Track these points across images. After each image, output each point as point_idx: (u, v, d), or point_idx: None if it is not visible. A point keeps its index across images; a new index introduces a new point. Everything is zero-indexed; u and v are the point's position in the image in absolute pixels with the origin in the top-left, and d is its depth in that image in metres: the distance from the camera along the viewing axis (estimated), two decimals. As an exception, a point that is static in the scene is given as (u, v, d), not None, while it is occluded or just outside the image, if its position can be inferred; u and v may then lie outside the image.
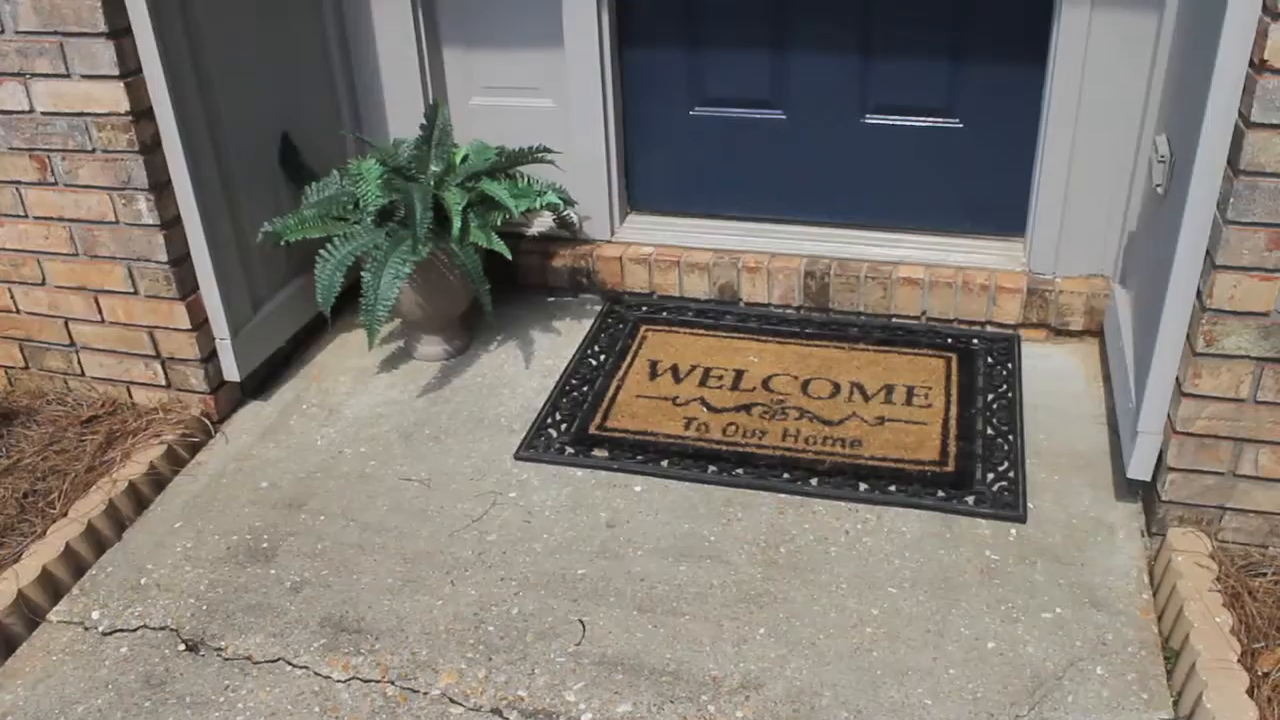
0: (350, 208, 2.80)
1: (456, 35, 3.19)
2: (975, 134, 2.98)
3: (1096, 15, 2.64)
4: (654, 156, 3.25)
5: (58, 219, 2.67)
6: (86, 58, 2.42)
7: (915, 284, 2.99)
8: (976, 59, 2.89)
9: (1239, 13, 1.86)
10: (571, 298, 3.29)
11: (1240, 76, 1.89)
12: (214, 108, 2.64)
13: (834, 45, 2.96)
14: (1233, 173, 1.91)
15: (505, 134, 3.14)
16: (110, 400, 2.89)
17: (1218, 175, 1.96)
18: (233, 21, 2.69)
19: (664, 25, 3.05)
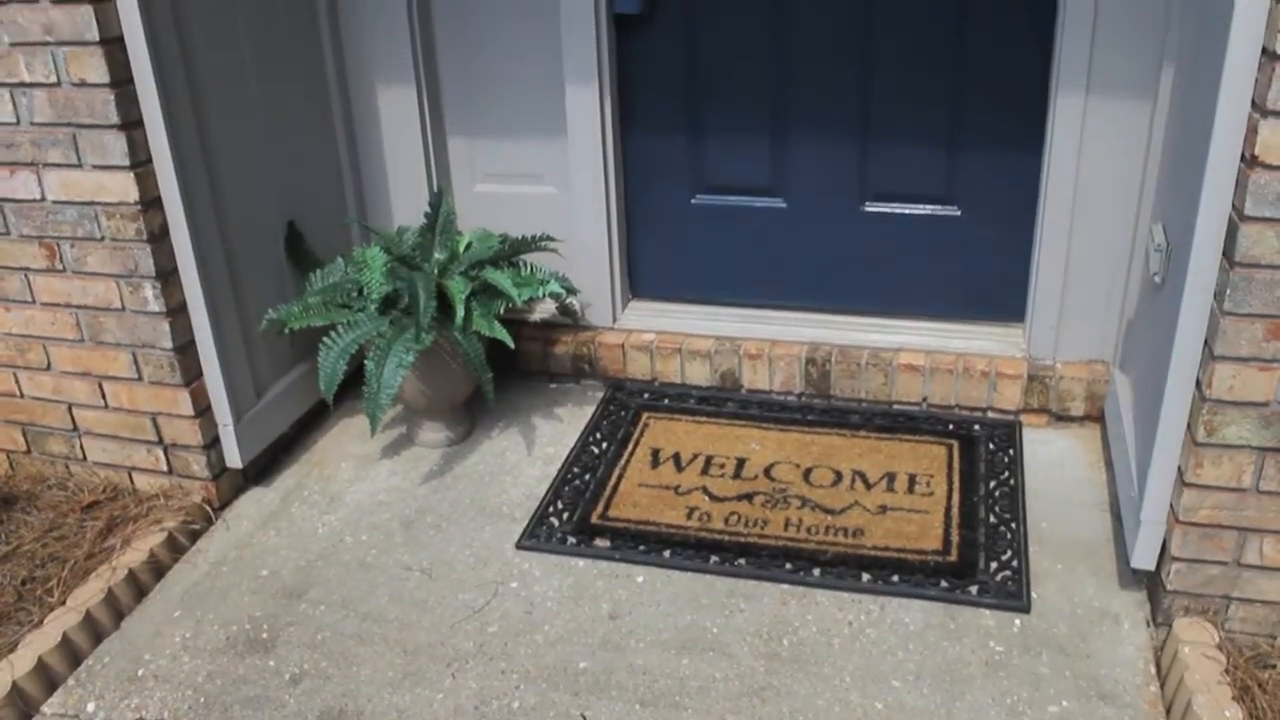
0: (354, 295, 2.83)
1: (461, 124, 3.25)
2: (974, 221, 3.02)
3: (1091, 104, 2.68)
4: (656, 243, 3.28)
5: (65, 305, 2.69)
6: (98, 149, 2.46)
7: (916, 370, 3.00)
8: (974, 147, 2.94)
9: (1229, 108, 1.89)
10: (573, 384, 3.30)
11: (1232, 171, 1.92)
12: (221, 196, 2.67)
13: (834, 134, 3.00)
14: (1228, 264, 1.93)
15: (508, 220, 3.18)
16: (112, 485, 2.89)
17: (1214, 267, 1.98)
18: (242, 112, 2.73)
19: (665, 115, 3.10)
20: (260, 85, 2.79)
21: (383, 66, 3.11)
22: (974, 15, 2.79)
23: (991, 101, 2.86)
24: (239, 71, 2.71)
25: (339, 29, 3.08)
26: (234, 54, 2.69)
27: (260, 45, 2.78)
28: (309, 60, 3.01)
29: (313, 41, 3.02)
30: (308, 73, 3.01)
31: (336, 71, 3.10)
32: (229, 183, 2.70)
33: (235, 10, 2.68)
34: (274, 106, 2.86)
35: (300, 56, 2.97)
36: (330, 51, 3.07)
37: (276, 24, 2.85)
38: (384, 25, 3.05)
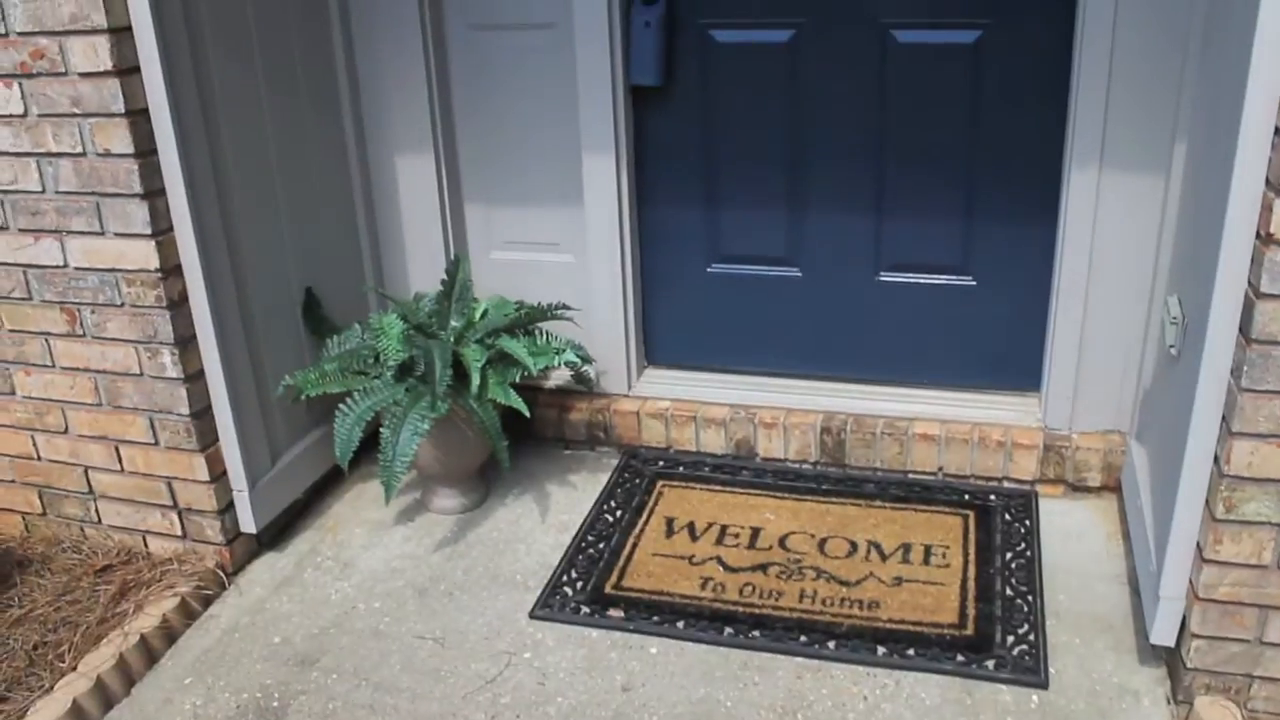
0: (370, 361, 2.84)
1: (478, 191, 3.28)
2: (989, 291, 3.02)
3: (1105, 176, 2.69)
4: (671, 311, 3.30)
5: (84, 370, 2.72)
6: (121, 217, 2.49)
7: (931, 440, 2.99)
8: (989, 218, 2.95)
9: (1243, 186, 1.89)
10: (588, 450, 3.30)
11: (1248, 248, 1.92)
12: (240, 263, 2.70)
13: (849, 205, 3.02)
14: (1245, 341, 1.93)
15: (524, 287, 3.21)
16: (125, 549, 2.89)
17: (1230, 343, 1.98)
18: (262, 181, 2.77)
19: (682, 184, 3.13)
20: (281, 154, 2.83)
21: (402, 135, 3.15)
22: (988, 91, 2.82)
23: (1006, 174, 2.89)
24: (260, 141, 2.75)
25: (359, 99, 3.13)
26: (255, 124, 2.73)
27: (282, 116, 2.82)
28: (330, 130, 3.06)
29: (333, 112, 3.06)
30: (328, 142, 3.05)
31: (356, 141, 3.15)
32: (248, 250, 2.73)
33: (258, 82, 2.73)
34: (294, 175, 2.89)
35: (321, 127, 3.01)
36: (351, 121, 3.12)
37: (298, 95, 2.89)
38: (403, 96, 3.10)
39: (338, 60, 3.05)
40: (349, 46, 3.07)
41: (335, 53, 3.04)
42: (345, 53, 3.06)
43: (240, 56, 2.66)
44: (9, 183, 2.56)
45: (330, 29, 3.01)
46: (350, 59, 3.08)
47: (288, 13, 2.83)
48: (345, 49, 3.06)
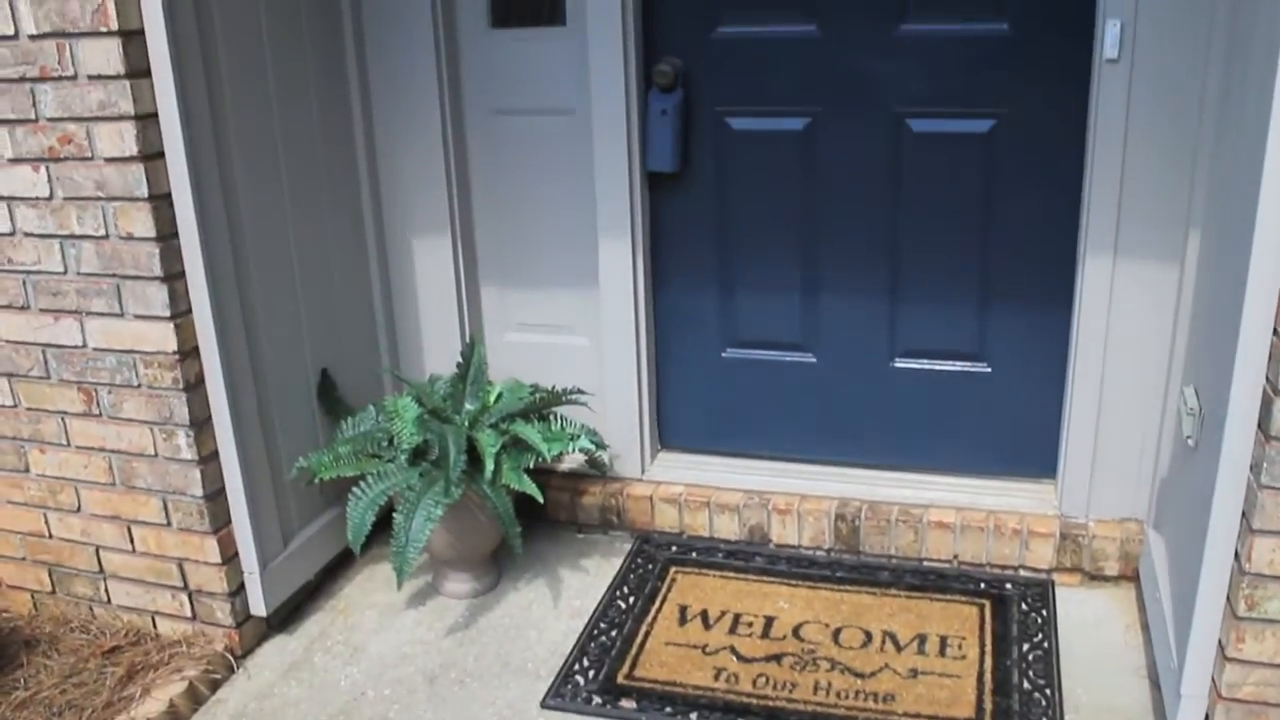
0: (385, 444, 2.84)
1: (495, 273, 3.31)
2: (1004, 378, 3.02)
3: (1120, 264, 2.70)
4: (685, 396, 3.30)
5: (99, 449, 2.72)
6: (140, 299, 2.51)
7: (947, 528, 2.97)
8: (1003, 306, 2.96)
9: (1260, 282, 1.90)
10: (601, 535, 3.28)
11: (1265, 344, 1.92)
12: (257, 345, 2.71)
13: (863, 291, 3.04)
14: (1264, 437, 1.92)
15: (539, 370, 3.21)
16: (134, 630, 2.87)
17: (1249, 439, 1.97)
18: (281, 264, 2.80)
19: (697, 269, 3.15)
20: (299, 236, 2.86)
21: (419, 217, 3.18)
22: (1002, 179, 2.85)
23: (1020, 261, 2.90)
24: (279, 224, 2.78)
25: (378, 182, 3.17)
26: (276, 208, 2.77)
27: (301, 199, 2.86)
28: (348, 212, 3.09)
29: (352, 194, 3.10)
30: (346, 224, 3.08)
31: (374, 222, 3.18)
32: (266, 332, 2.74)
33: (279, 167, 2.76)
34: (312, 257, 2.92)
35: (340, 209, 3.04)
36: (369, 204, 3.15)
37: (318, 179, 2.93)
38: (422, 178, 3.14)
39: (357, 143, 3.09)
40: (369, 130, 3.11)
41: (355, 136, 3.08)
42: (365, 136, 3.10)
43: (262, 143, 2.70)
44: (32, 263, 2.59)
45: (351, 113, 3.06)
46: (370, 142, 3.12)
47: (310, 98, 2.87)
48: (365, 132, 3.10)
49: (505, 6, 3.07)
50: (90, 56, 2.35)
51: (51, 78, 2.40)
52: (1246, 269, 1.92)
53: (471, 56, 3.11)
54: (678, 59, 2.95)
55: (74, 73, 2.37)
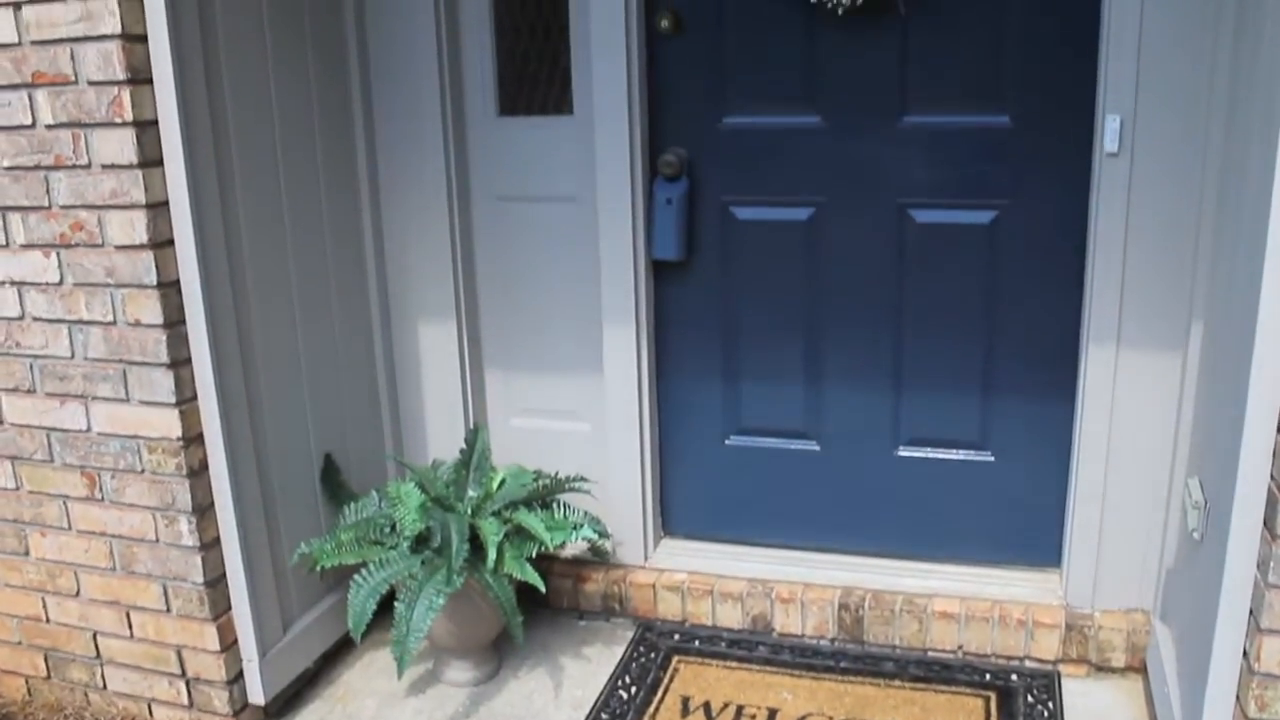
0: (387, 531, 2.83)
1: (499, 358, 3.32)
2: (1007, 467, 3.02)
3: (1122, 356, 2.72)
4: (689, 483, 3.29)
5: (100, 534, 2.72)
6: (146, 385, 2.52)
7: (951, 618, 2.94)
8: (1007, 395, 2.96)
9: (1263, 376, 1.91)
10: (603, 622, 3.25)
11: (1270, 441, 1.92)
12: (262, 431, 2.72)
13: (867, 380, 3.04)
14: (1270, 535, 1.92)
15: (543, 455, 3.21)
16: (129, 717, 2.84)
17: (1255, 537, 1.96)
18: (287, 351, 2.81)
19: (700, 357, 3.16)
20: (306, 322, 2.88)
21: (425, 302, 3.20)
22: (1005, 269, 2.87)
23: (1023, 350, 2.91)
24: (287, 311, 2.80)
25: (385, 267, 3.19)
26: (283, 295, 2.79)
27: (309, 286, 2.88)
28: (354, 298, 3.11)
29: (359, 279, 3.12)
30: (352, 310, 3.10)
31: (380, 307, 3.19)
32: (270, 417, 2.75)
33: (286, 252, 2.79)
34: (318, 343, 2.94)
35: (346, 295, 3.06)
36: (375, 289, 3.17)
37: (325, 264, 2.95)
38: (428, 263, 3.16)
39: (364, 227, 3.12)
40: (376, 214, 3.14)
41: (363, 221, 3.11)
42: (372, 221, 3.13)
43: (271, 232, 2.73)
44: (40, 347, 2.61)
45: (359, 198, 3.09)
46: (377, 227, 3.15)
47: (318, 184, 2.91)
48: (373, 217, 3.13)
49: (513, 95, 3.12)
50: (104, 146, 2.38)
51: (65, 166, 2.44)
52: (1249, 365, 1.93)
53: (479, 143, 3.15)
54: (683, 149, 2.99)
55: (88, 161, 2.41)
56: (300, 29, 2.80)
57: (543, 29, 3.06)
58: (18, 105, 2.43)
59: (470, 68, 3.10)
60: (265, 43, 2.67)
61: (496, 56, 3.09)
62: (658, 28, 2.92)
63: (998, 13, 2.72)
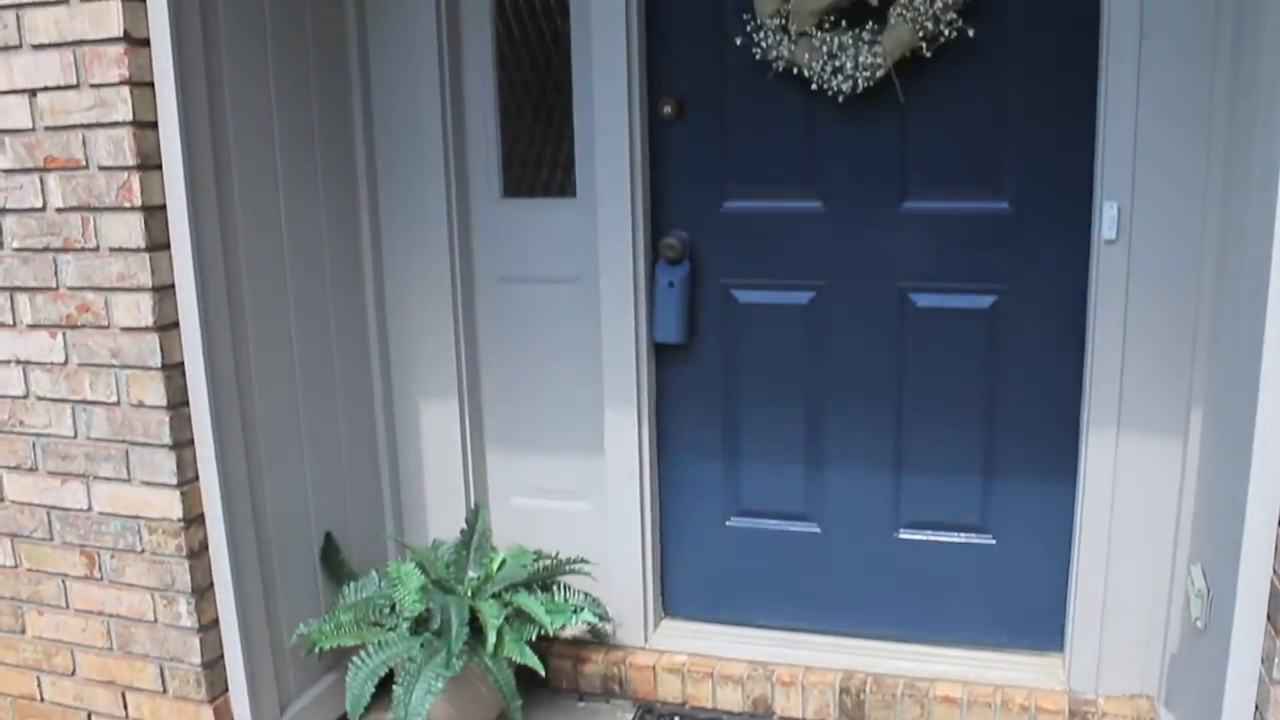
0: (386, 611, 2.82)
1: (500, 437, 3.32)
2: (1009, 550, 3.00)
3: (1122, 440, 2.72)
4: (689, 564, 3.28)
5: (98, 613, 2.71)
6: (148, 466, 2.53)
7: (954, 702, 2.92)
8: (1008, 477, 2.96)
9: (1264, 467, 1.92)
10: (603, 703, 3.22)
11: (1271, 533, 1.93)
12: (262, 511, 2.72)
13: (868, 462, 3.04)
14: (1274, 630, 1.91)
15: (543, 534, 3.21)
16: (123, 799, 2.81)
17: (1259, 631, 1.96)
18: (289, 432, 2.83)
19: (702, 439, 3.16)
20: (309, 402, 2.89)
21: (427, 380, 3.21)
22: (1004, 352, 2.88)
23: (1024, 433, 2.91)
24: (290, 391, 2.82)
25: (387, 346, 3.21)
26: (287, 374, 2.80)
27: (312, 366, 2.90)
28: (357, 377, 3.12)
29: (362, 359, 3.13)
30: (355, 389, 3.11)
31: (383, 386, 3.21)
32: (272, 497, 2.75)
33: (290, 333, 2.81)
34: (321, 423, 2.95)
35: (349, 375, 3.08)
36: (378, 369, 3.19)
37: (329, 345, 2.97)
38: (431, 342, 3.18)
39: (368, 306, 3.14)
40: (380, 295, 3.17)
41: (366, 300, 3.13)
42: (376, 300, 3.15)
43: (275, 313, 2.75)
44: (43, 426, 2.62)
45: (363, 277, 3.11)
46: (380, 307, 3.17)
47: (322, 266, 2.93)
48: (376, 296, 3.15)
49: (517, 176, 3.16)
50: (112, 230, 2.42)
51: (74, 249, 2.47)
52: (1249, 454, 1.93)
53: (483, 224, 3.19)
54: (685, 232, 3.02)
55: (96, 244, 2.44)
56: (308, 114, 2.84)
57: (546, 112, 3.10)
58: (29, 188, 2.47)
59: (475, 149, 3.15)
60: (273, 128, 2.71)
61: (501, 139, 3.14)
62: (660, 113, 2.97)
63: (995, 100, 2.76)
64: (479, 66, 3.10)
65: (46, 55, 2.38)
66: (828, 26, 2.72)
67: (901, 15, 2.65)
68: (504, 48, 3.10)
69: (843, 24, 2.72)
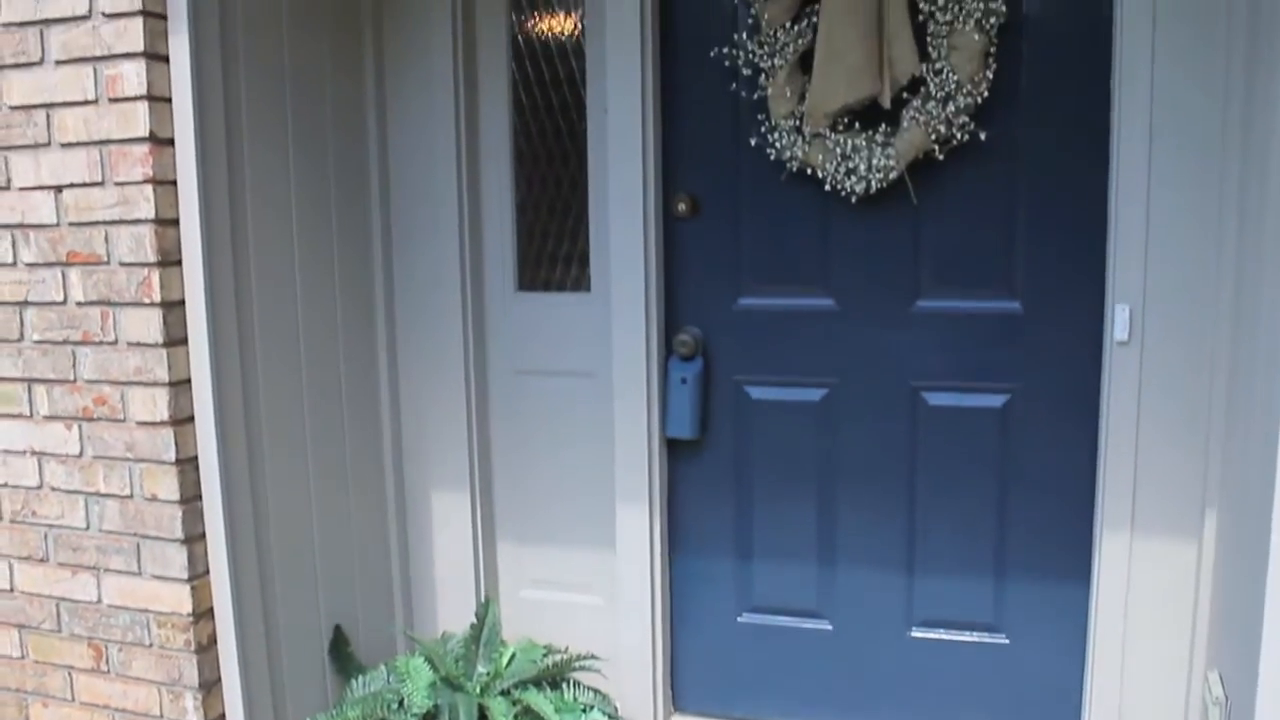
0: (395, 706, 2.78)
1: (512, 529, 3.32)
2: (1022, 651, 2.97)
3: (1136, 541, 2.70)
4: (700, 659, 3.25)
5: (103, 706, 2.69)
6: (159, 560, 2.53)
7: (968, 807, 2.87)
8: (1021, 578, 2.93)
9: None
10: (611, 801, 3.19)
11: (1290, 649, 1.90)
12: (272, 603, 2.70)
13: (880, 560, 3.02)
14: (1294, 745, 1.88)
15: (554, 627, 3.19)
16: None
17: (1279, 748, 1.92)
18: (300, 523, 2.82)
19: (713, 535, 3.15)
20: (321, 495, 2.90)
21: (440, 471, 3.22)
22: (1017, 451, 2.87)
23: (1037, 535, 2.89)
24: (302, 484, 2.82)
25: (400, 439, 3.23)
26: (300, 468, 2.81)
27: (325, 458, 2.91)
28: (370, 469, 3.13)
29: (375, 451, 3.15)
30: (367, 481, 3.12)
31: (395, 478, 3.22)
32: (282, 590, 2.74)
33: (304, 427, 2.83)
34: (332, 514, 2.95)
35: (362, 466, 3.08)
36: (390, 460, 3.20)
37: (342, 437, 2.99)
38: (444, 433, 3.19)
39: (382, 399, 3.16)
40: (394, 386, 3.19)
41: (380, 392, 3.15)
42: (390, 391, 3.17)
43: (289, 406, 2.77)
44: (55, 517, 2.63)
45: (377, 370, 3.14)
46: (394, 397, 3.19)
47: (337, 358, 2.95)
48: (390, 388, 3.17)
49: (532, 270, 3.19)
50: (131, 325, 2.44)
51: (93, 342, 2.49)
52: (1266, 558, 1.91)
53: (498, 317, 3.22)
54: (698, 328, 3.04)
55: (114, 339, 2.46)
56: (327, 211, 2.89)
57: (562, 207, 3.15)
58: (51, 282, 2.50)
59: (491, 243, 3.18)
60: (291, 225, 2.75)
61: (517, 232, 3.18)
62: (675, 210, 3.01)
63: (1007, 202, 2.79)
64: (496, 161, 3.15)
65: (74, 153, 2.43)
66: (841, 128, 2.76)
67: (914, 118, 2.69)
68: (521, 143, 3.15)
69: (856, 126, 2.76)
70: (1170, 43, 2.54)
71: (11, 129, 2.48)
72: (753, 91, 2.88)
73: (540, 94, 3.13)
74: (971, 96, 2.67)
